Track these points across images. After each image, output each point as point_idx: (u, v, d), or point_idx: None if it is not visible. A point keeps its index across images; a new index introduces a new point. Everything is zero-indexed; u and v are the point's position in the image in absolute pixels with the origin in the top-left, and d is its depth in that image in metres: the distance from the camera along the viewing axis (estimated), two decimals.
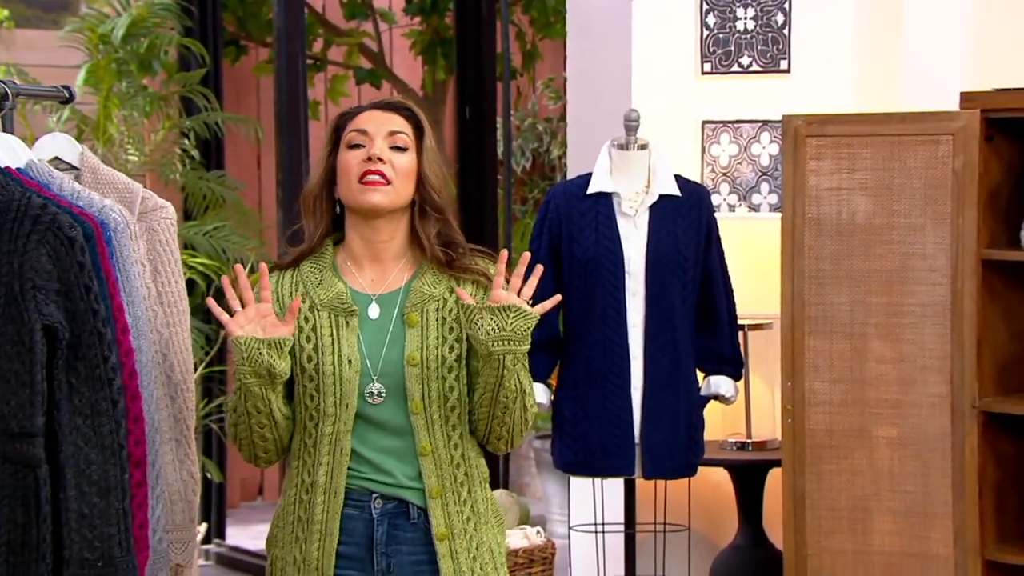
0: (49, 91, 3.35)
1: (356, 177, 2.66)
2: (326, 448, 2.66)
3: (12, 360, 2.55)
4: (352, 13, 7.75)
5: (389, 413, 2.66)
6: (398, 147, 2.68)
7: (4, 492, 2.55)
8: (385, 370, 2.66)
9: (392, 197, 2.67)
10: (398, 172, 2.66)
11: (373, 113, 2.71)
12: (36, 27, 7.38)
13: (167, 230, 3.01)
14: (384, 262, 2.73)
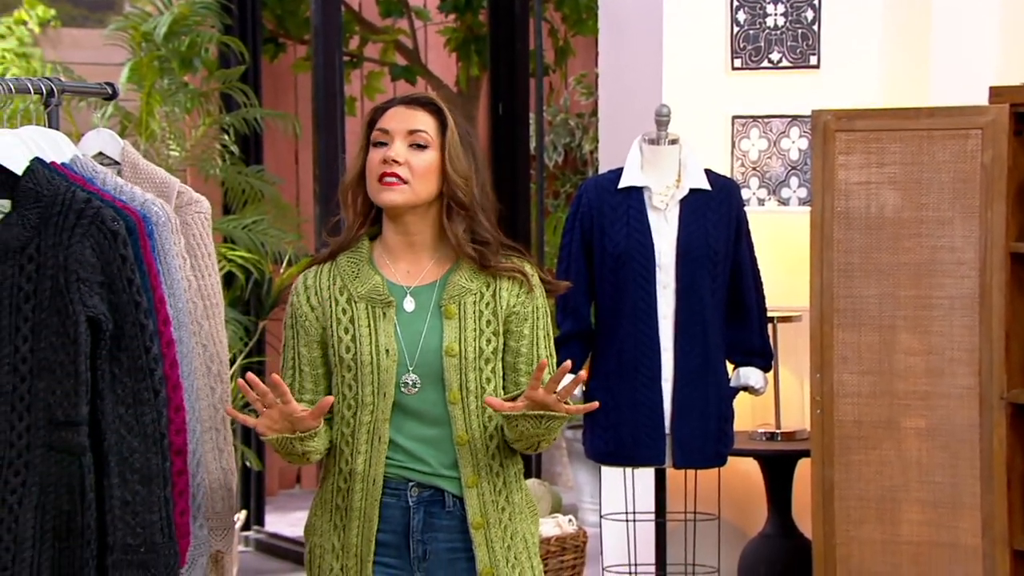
0: (93, 88, 3.37)
1: (375, 177, 2.67)
2: (364, 437, 2.66)
3: (57, 351, 2.57)
4: (388, 10, 7.76)
5: (426, 403, 2.66)
6: (418, 145, 2.67)
7: (50, 480, 2.57)
8: (422, 360, 2.66)
9: (408, 196, 2.66)
10: (416, 171, 2.66)
11: (398, 110, 2.71)
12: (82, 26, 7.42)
13: (201, 224, 3.02)
14: (418, 254, 2.73)
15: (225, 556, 3.07)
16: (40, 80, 3.03)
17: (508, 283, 2.71)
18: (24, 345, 2.58)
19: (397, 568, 2.69)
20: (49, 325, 2.58)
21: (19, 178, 2.62)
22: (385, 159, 2.65)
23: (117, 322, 2.59)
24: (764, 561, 4.32)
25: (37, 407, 2.57)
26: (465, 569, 2.69)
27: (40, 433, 2.57)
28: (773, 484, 4.36)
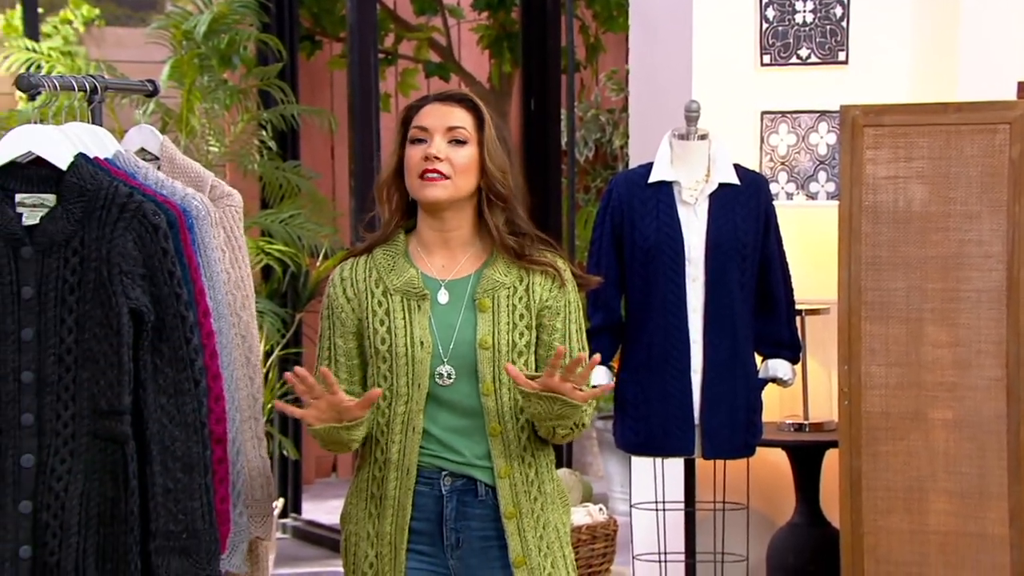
0: (135, 85, 3.38)
1: (416, 173, 2.66)
2: (399, 427, 2.67)
3: (101, 342, 2.58)
4: (422, 8, 7.76)
5: (460, 394, 2.66)
6: (457, 140, 2.68)
7: (95, 467, 2.58)
8: (456, 352, 2.66)
9: (451, 191, 2.67)
10: (456, 167, 2.67)
11: (435, 107, 2.71)
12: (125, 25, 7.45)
13: (232, 217, 3.03)
14: (453, 249, 2.73)
15: (264, 542, 3.08)
16: (84, 77, 3.04)
17: (541, 278, 2.71)
18: (69, 336, 2.59)
19: (431, 556, 2.70)
20: (93, 316, 2.59)
21: (64, 173, 2.63)
22: (427, 156, 2.65)
23: (159, 313, 2.60)
24: (792, 550, 4.31)
25: (82, 396, 2.59)
26: (498, 557, 2.69)
27: (85, 422, 2.59)
28: (801, 474, 4.34)
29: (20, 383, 2.59)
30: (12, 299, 2.60)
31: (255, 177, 6.05)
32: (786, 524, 4.39)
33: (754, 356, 4.01)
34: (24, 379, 2.59)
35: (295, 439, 6.69)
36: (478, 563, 2.69)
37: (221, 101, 5.74)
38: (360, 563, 2.72)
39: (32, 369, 2.60)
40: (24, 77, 2.96)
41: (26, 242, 2.61)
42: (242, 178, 6.06)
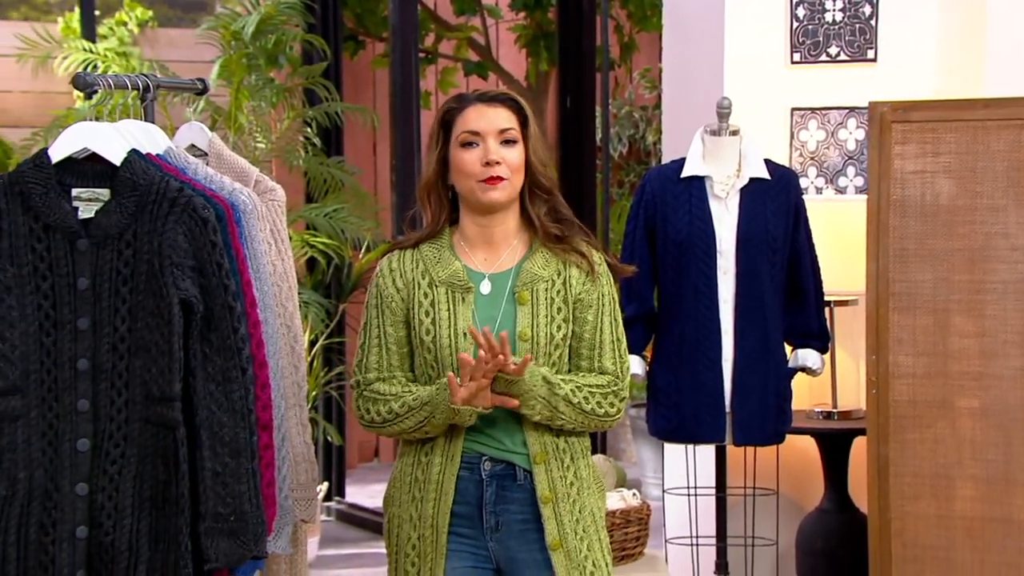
0: (186, 84, 3.40)
1: (476, 178, 2.67)
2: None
3: (153, 331, 2.59)
4: (461, 9, 7.77)
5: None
6: (508, 141, 2.68)
7: (147, 451, 2.60)
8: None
9: (510, 191, 2.69)
10: (512, 167, 2.68)
11: (480, 109, 2.70)
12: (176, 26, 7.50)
13: (276, 211, 3.04)
14: (496, 243, 2.73)
15: (309, 525, 3.09)
16: (137, 76, 3.06)
17: (576, 270, 2.71)
18: (123, 325, 2.61)
19: (471, 538, 2.70)
20: (145, 307, 2.60)
21: (118, 169, 2.64)
22: (488, 162, 2.66)
23: (207, 304, 2.61)
24: (821, 534, 4.29)
25: (135, 384, 2.60)
26: (536, 539, 2.68)
27: (138, 408, 2.60)
28: (829, 461, 4.32)
29: (76, 370, 2.61)
30: (68, 290, 2.62)
31: (300, 172, 6.07)
32: (815, 509, 4.37)
33: (784, 346, 3.99)
34: (80, 367, 2.61)
35: (339, 425, 6.72)
36: (516, 545, 2.69)
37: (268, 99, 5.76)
38: (403, 545, 2.73)
39: (88, 357, 2.61)
40: (80, 76, 2.98)
41: (82, 235, 2.62)
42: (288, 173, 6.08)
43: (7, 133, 6.92)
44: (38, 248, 2.62)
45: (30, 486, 2.60)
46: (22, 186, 2.63)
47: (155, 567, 2.58)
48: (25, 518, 2.60)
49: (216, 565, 2.59)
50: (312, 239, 5.72)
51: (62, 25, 6.93)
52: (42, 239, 2.62)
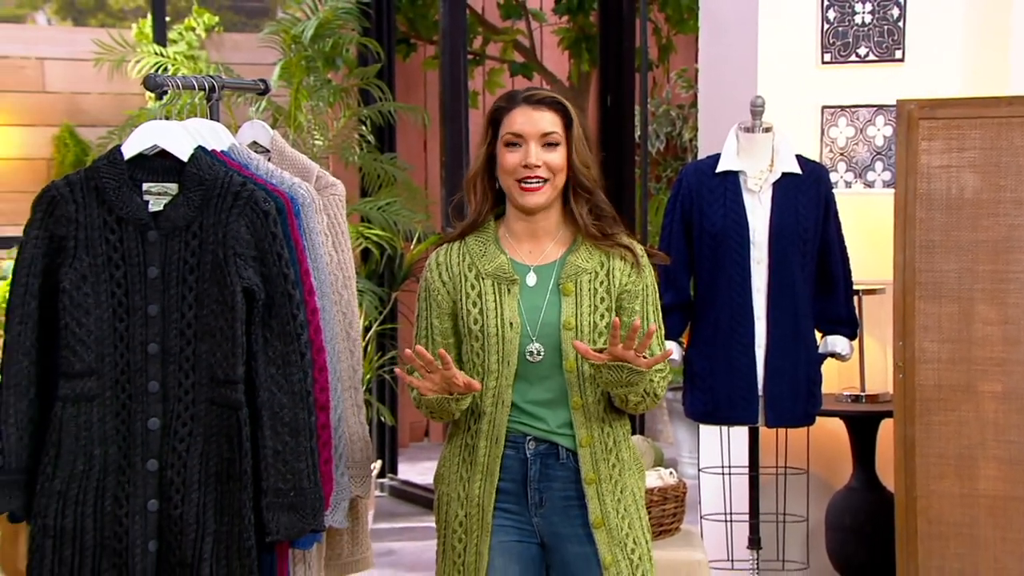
0: (249, 84, 3.41)
1: (515, 179, 2.66)
2: (490, 400, 2.67)
3: (218, 317, 2.60)
4: (508, 13, 7.76)
5: (546, 370, 2.66)
6: (550, 144, 2.66)
7: (212, 431, 2.61)
8: (543, 332, 2.66)
9: (548, 194, 2.67)
10: (552, 169, 2.66)
11: (526, 112, 2.68)
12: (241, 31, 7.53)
13: (336, 205, 3.05)
14: (540, 237, 2.72)
15: (363, 500, 3.09)
16: (204, 78, 3.07)
17: (620, 263, 2.69)
18: (189, 312, 2.62)
19: (516, 513, 2.70)
20: (210, 294, 2.61)
21: (185, 164, 2.66)
22: (527, 164, 2.65)
23: (268, 292, 2.62)
24: (849, 512, 4.27)
25: (201, 367, 2.61)
26: (578, 516, 2.68)
27: (203, 390, 2.61)
28: (858, 442, 4.29)
29: (147, 354, 2.63)
30: (140, 278, 2.63)
31: (355, 168, 6.08)
32: (843, 488, 4.35)
33: (814, 332, 3.97)
34: (150, 351, 2.63)
35: (391, 407, 6.73)
36: (559, 521, 2.69)
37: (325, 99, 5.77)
38: (451, 521, 2.73)
39: (157, 341, 2.63)
40: (151, 78, 3.00)
41: (152, 227, 2.64)
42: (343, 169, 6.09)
43: (85, 132, 6.99)
44: (111, 239, 2.64)
45: (105, 462, 2.63)
46: (97, 181, 2.65)
47: (220, 539, 2.60)
48: (101, 492, 2.62)
49: (277, 537, 2.61)
50: (366, 231, 5.72)
51: (135, 31, 6.97)
52: (115, 231, 2.64)
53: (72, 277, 2.61)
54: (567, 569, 2.69)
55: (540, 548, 2.71)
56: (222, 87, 3.09)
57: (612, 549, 2.66)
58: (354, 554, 3.14)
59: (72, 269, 2.62)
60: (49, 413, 2.63)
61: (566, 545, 2.68)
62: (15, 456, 2.63)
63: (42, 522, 2.62)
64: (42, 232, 2.64)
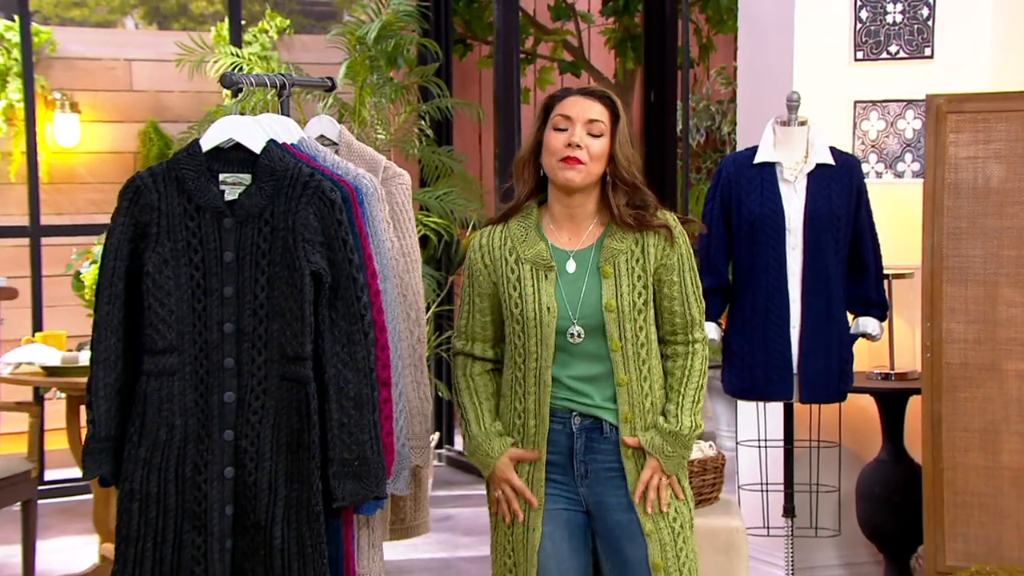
0: (316, 82, 3.42)
1: (557, 156, 2.64)
2: (532, 381, 2.66)
3: (288, 299, 2.61)
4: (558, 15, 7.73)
5: (590, 349, 2.64)
6: (594, 134, 2.64)
7: (283, 404, 2.62)
8: (584, 313, 2.64)
9: (584, 175, 2.65)
10: (592, 155, 2.64)
11: (578, 100, 2.67)
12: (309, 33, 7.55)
13: (403, 193, 3.05)
14: (578, 222, 2.70)
15: (423, 469, 3.10)
16: (275, 76, 3.08)
17: (654, 238, 2.67)
18: (262, 293, 2.63)
19: (564, 483, 2.69)
20: (281, 277, 2.62)
21: (258, 156, 2.66)
22: (569, 143, 2.63)
23: (334, 275, 2.62)
24: (879, 482, 4.23)
25: (272, 345, 2.62)
26: (621, 485, 2.67)
27: (275, 366, 2.62)
28: (887, 417, 4.25)
29: (223, 333, 2.64)
30: (216, 262, 2.65)
31: (415, 160, 6.09)
32: (873, 460, 4.31)
33: (846, 314, 3.92)
34: (226, 329, 2.64)
35: (448, 383, 6.75)
36: (604, 490, 2.68)
37: (387, 96, 5.78)
38: None
39: (232, 321, 2.64)
40: (227, 76, 3.01)
41: (227, 214, 2.65)
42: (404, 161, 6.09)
43: (168, 127, 7.04)
44: (191, 226, 2.65)
45: (185, 432, 2.64)
46: (178, 172, 2.66)
47: (291, 503, 2.61)
48: (182, 459, 2.64)
49: (343, 504, 2.62)
50: (425, 219, 5.73)
51: (214, 34, 7.01)
52: (194, 218, 2.65)
53: (155, 261, 2.63)
54: (611, 535, 2.68)
55: (586, 516, 2.70)
56: (292, 85, 3.10)
57: (654, 518, 2.65)
58: (416, 519, 3.15)
59: (155, 253, 2.64)
60: (135, 386, 2.65)
61: (610, 513, 2.68)
62: (104, 425, 2.66)
63: (129, 486, 2.64)
64: (128, 219, 2.66)
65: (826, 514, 4.28)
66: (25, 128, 6.05)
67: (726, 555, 3.45)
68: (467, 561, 4.92)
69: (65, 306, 5.88)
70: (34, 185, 5.96)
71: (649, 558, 2.64)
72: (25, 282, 5.88)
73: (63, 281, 5.05)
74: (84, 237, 5.90)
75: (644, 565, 2.64)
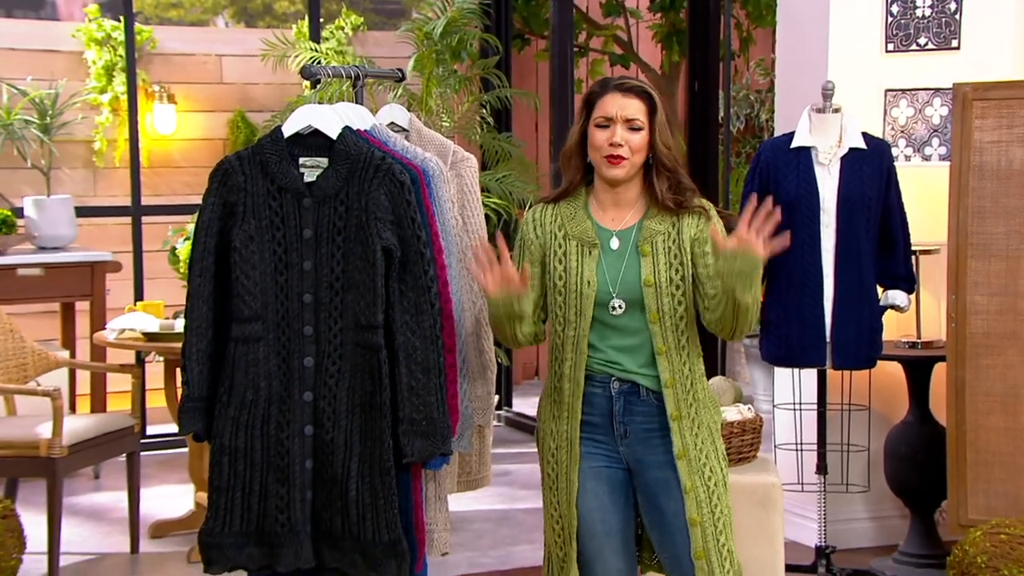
0: (388, 74, 3.40)
1: (602, 155, 2.62)
2: (570, 347, 2.64)
3: (362, 272, 2.61)
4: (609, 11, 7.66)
5: (629, 321, 2.62)
6: (634, 128, 2.61)
7: (357, 368, 2.63)
8: (624, 288, 2.62)
9: (627, 169, 2.63)
10: (633, 149, 2.61)
11: (615, 97, 2.63)
12: (381, 29, 7.55)
13: (470, 175, 3.03)
14: (622, 206, 2.68)
15: (484, 429, 3.10)
16: (350, 68, 3.07)
17: (689, 219, 2.65)
18: (338, 267, 2.63)
19: (604, 443, 2.67)
20: (355, 252, 2.62)
21: (334, 142, 2.66)
22: (612, 143, 2.61)
23: (403, 251, 2.62)
24: (905, 442, 4.17)
25: (347, 314, 2.63)
26: (659, 446, 2.65)
27: (350, 334, 2.63)
28: (913, 382, 4.18)
29: (302, 303, 2.65)
30: (296, 238, 2.65)
31: (477, 146, 6.06)
32: (900, 422, 4.24)
33: (876, 287, 3.86)
34: (305, 300, 2.65)
35: (507, 350, 6.74)
36: (642, 450, 2.66)
37: (452, 86, 5.76)
38: (546, 453, 2.72)
39: (311, 292, 2.65)
40: (307, 68, 3.01)
41: (307, 195, 2.65)
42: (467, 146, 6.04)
43: (254, 116, 7.08)
44: (273, 205, 2.65)
45: (269, 393, 2.66)
46: (262, 156, 2.67)
47: (364, 459, 2.62)
48: (266, 418, 2.66)
49: (412, 459, 2.62)
50: (485, 199, 5.70)
51: (295, 31, 7.03)
52: (276, 198, 2.65)
53: (241, 237, 2.64)
54: (650, 491, 2.66)
55: (627, 473, 2.68)
56: (365, 76, 3.10)
57: (692, 476, 2.62)
58: (480, 472, 3.16)
59: (241, 230, 2.64)
60: (224, 351, 2.66)
61: (649, 471, 2.65)
62: (197, 387, 2.68)
63: (219, 442, 2.66)
64: (217, 199, 2.67)
65: (856, 471, 4.23)
66: (128, 118, 6.11)
67: (763, 509, 3.42)
68: (524, 512, 4.92)
69: (162, 278, 5.95)
70: (136, 169, 6.02)
71: (686, 512, 2.61)
72: (128, 257, 5.94)
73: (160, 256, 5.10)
74: (179, 216, 5.95)
75: (681, 519, 2.62)
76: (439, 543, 2.84)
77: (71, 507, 4.78)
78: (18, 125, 5.64)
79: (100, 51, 6.82)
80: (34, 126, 5.67)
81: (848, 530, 4.34)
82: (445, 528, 2.86)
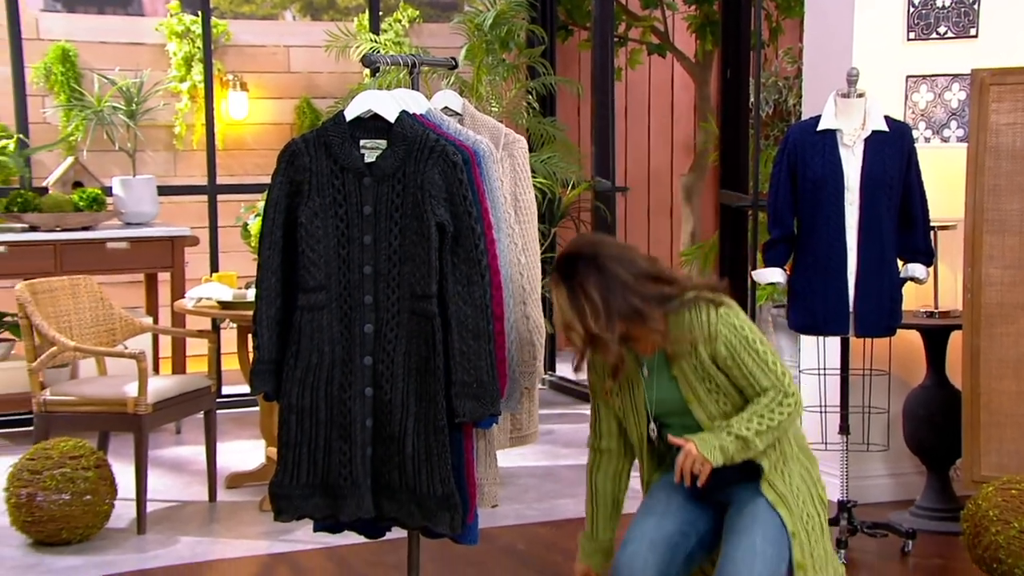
0: (441, 62, 3.38)
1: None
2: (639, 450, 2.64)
3: (417, 246, 2.61)
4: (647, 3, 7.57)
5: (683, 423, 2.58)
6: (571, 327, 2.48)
7: (413, 335, 2.63)
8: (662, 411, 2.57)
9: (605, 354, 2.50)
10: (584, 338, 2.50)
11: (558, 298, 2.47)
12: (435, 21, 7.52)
13: (521, 156, 3.02)
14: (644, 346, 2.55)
15: (531, 391, 3.09)
16: (407, 56, 3.06)
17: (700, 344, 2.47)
18: (395, 241, 2.63)
19: None
20: (411, 227, 2.62)
21: (392, 125, 2.65)
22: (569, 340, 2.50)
23: (456, 226, 2.61)
24: (923, 405, 4.11)
25: (404, 285, 2.63)
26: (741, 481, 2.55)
27: (406, 303, 2.63)
28: (931, 349, 4.12)
29: (363, 274, 2.65)
30: (357, 215, 2.65)
31: (523, 129, 6.03)
32: (918, 386, 4.19)
33: (896, 261, 3.80)
34: (366, 271, 2.65)
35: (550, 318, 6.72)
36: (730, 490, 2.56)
37: (500, 74, 5.73)
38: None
39: (371, 264, 2.65)
40: (367, 57, 3.00)
41: (367, 174, 2.65)
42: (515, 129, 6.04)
43: (318, 103, 7.10)
44: (336, 184, 2.66)
45: (332, 357, 2.67)
46: (326, 138, 2.67)
47: (420, 418, 2.62)
48: (330, 380, 2.67)
49: (463, 419, 2.62)
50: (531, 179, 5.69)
51: (356, 23, 7.02)
52: (339, 177, 2.65)
53: (307, 213, 2.65)
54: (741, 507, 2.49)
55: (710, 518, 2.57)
56: (421, 64, 3.08)
57: (793, 521, 2.46)
58: (529, 427, 3.16)
59: (307, 207, 2.65)
60: (292, 319, 2.68)
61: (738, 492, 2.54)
62: (267, 350, 2.70)
63: (287, 401, 2.68)
64: (284, 179, 2.68)
65: (876, 432, 4.18)
66: (204, 104, 6.15)
67: None
68: (566, 468, 4.92)
69: (236, 252, 6.00)
70: (211, 151, 6.06)
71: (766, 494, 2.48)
72: (204, 232, 6.00)
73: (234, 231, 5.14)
74: (251, 195, 5.99)
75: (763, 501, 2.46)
76: (489, 496, 2.85)
77: (155, 459, 4.85)
78: (107, 111, 5.71)
79: (180, 43, 6.87)
80: (121, 112, 5.73)
81: (869, 486, 4.30)
82: (495, 482, 2.86)
